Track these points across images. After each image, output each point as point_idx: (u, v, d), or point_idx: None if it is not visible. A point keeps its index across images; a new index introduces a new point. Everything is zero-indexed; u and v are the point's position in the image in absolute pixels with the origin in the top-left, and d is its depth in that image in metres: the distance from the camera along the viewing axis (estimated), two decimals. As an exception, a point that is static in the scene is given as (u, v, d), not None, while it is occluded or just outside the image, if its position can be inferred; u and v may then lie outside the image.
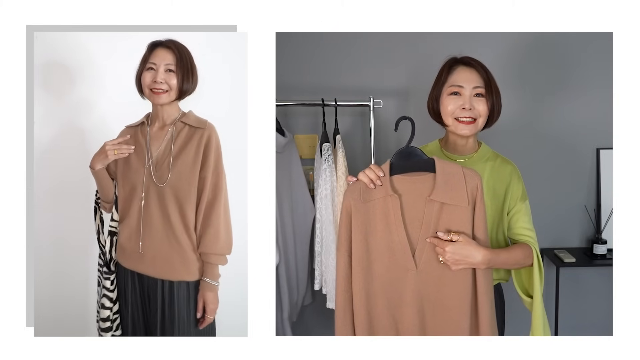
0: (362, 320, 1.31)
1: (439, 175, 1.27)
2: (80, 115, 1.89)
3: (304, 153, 2.25)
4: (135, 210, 1.44)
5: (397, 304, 1.29)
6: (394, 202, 1.27)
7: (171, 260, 1.42)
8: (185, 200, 1.42)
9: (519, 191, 1.45)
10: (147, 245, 1.42)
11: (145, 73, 1.44)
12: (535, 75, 2.26)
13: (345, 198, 1.32)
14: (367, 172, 1.31)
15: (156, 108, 1.48)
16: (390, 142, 2.29)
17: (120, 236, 1.47)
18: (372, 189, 1.29)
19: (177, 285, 1.42)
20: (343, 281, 1.33)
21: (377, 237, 1.29)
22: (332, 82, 2.26)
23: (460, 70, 1.41)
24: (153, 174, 1.43)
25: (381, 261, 1.29)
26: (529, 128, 2.28)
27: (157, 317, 1.42)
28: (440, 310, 1.28)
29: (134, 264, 1.45)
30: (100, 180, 1.48)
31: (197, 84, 1.48)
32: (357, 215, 1.30)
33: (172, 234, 1.41)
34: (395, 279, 1.28)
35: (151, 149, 1.45)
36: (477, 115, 1.39)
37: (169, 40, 1.45)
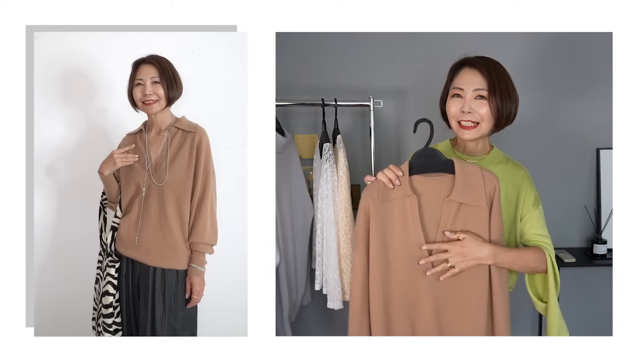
0: (378, 319, 1.31)
1: (458, 176, 1.27)
2: (80, 116, 1.89)
3: (303, 153, 2.25)
4: (136, 206, 1.60)
5: (414, 304, 1.29)
6: (412, 202, 1.27)
7: (164, 251, 1.56)
8: (182, 197, 1.57)
9: (531, 197, 1.41)
10: (143, 237, 1.57)
11: (135, 89, 1.57)
12: (535, 75, 2.26)
13: (364, 197, 1.32)
14: (386, 171, 1.30)
15: (151, 117, 1.62)
16: (391, 142, 2.29)
17: (120, 228, 1.61)
18: (390, 188, 1.29)
19: (168, 272, 1.56)
20: (360, 281, 1.33)
21: (394, 237, 1.29)
22: (332, 82, 2.26)
23: (463, 72, 1.37)
24: (152, 175, 1.58)
25: (398, 261, 1.29)
26: (529, 128, 2.28)
27: (148, 299, 1.55)
28: (456, 310, 1.28)
29: (129, 252, 1.59)
30: (108, 183, 1.64)
31: (182, 89, 1.62)
32: (375, 215, 1.30)
33: (167, 228, 1.57)
34: (412, 280, 1.28)
35: (150, 153, 1.61)
36: (479, 119, 1.34)
37: (150, 56, 1.58)
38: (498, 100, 1.32)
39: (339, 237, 1.89)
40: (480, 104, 1.34)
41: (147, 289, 1.56)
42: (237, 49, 1.76)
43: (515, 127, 2.23)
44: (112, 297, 1.57)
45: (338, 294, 1.89)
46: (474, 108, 1.34)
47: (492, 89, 1.32)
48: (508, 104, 1.35)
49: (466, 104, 1.34)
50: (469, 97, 1.34)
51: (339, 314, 2.01)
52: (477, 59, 1.38)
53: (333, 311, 1.95)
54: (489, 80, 1.33)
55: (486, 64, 1.35)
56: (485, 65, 1.35)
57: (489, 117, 1.34)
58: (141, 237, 1.57)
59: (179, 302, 1.57)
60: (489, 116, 1.34)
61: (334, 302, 1.91)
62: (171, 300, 1.55)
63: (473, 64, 1.36)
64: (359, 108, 2.22)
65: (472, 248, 1.24)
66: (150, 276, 1.56)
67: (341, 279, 1.90)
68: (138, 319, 1.58)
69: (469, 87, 1.34)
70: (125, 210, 1.62)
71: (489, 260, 1.25)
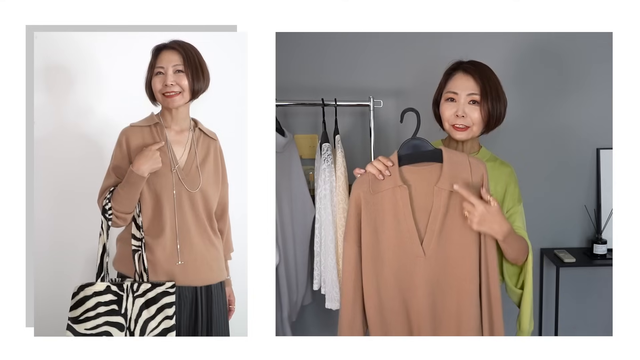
0: (373, 304, 1.33)
1: (445, 164, 1.29)
2: (80, 116, 1.89)
3: (304, 153, 2.25)
4: (167, 220, 1.37)
5: (408, 287, 1.31)
6: (403, 192, 1.29)
7: (211, 265, 1.44)
8: (213, 204, 1.47)
9: (516, 193, 1.48)
10: (187, 253, 1.38)
11: (154, 79, 1.41)
12: (536, 75, 2.26)
13: (354, 190, 1.34)
14: (375, 163, 1.32)
15: (170, 112, 1.45)
16: (391, 142, 2.29)
17: (156, 252, 1.36)
18: (380, 180, 1.31)
19: (215, 288, 1.46)
20: (352, 272, 1.34)
21: (386, 227, 1.31)
22: (332, 82, 2.26)
23: (457, 77, 1.42)
24: (182, 180, 1.39)
25: (391, 250, 1.31)
26: (529, 128, 2.28)
27: (199, 323, 1.42)
28: (449, 293, 1.30)
29: (169, 276, 1.37)
30: (137, 187, 1.35)
31: (209, 81, 1.45)
32: (366, 207, 1.32)
33: (207, 239, 1.44)
34: (405, 266, 1.30)
35: (174, 154, 1.42)
36: (470, 122, 1.40)
37: (173, 41, 1.43)
38: (489, 105, 1.39)
39: (336, 238, 1.89)
40: (472, 109, 1.40)
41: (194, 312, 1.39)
42: (237, 49, 1.76)
43: (516, 126, 2.25)
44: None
45: (336, 294, 1.90)
46: (467, 112, 1.40)
47: (484, 94, 1.38)
48: (498, 107, 1.41)
49: (460, 108, 1.40)
50: (462, 101, 1.40)
51: (338, 314, 2.01)
52: (470, 65, 1.43)
53: (333, 311, 1.95)
54: (482, 86, 1.39)
55: (479, 70, 1.41)
56: (477, 71, 1.41)
57: (480, 120, 1.41)
58: (184, 254, 1.35)
59: (223, 317, 1.46)
60: (480, 120, 1.41)
61: (332, 302, 1.91)
62: (222, 317, 1.45)
63: (466, 69, 1.41)
64: (359, 108, 2.22)
65: (495, 217, 1.23)
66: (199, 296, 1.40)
67: (339, 279, 1.90)
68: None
69: (463, 91, 1.40)
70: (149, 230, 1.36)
71: (501, 235, 1.26)
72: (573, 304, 2.38)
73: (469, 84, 1.40)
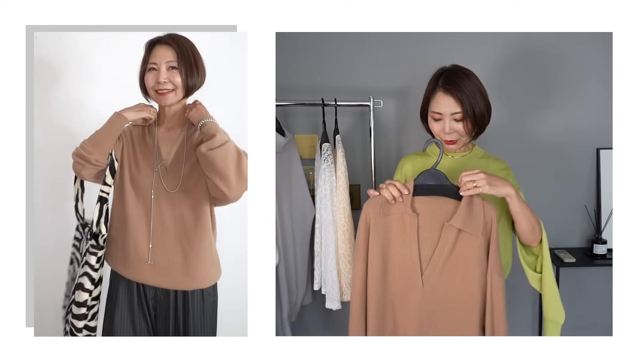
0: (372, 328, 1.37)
1: (463, 203, 1.31)
2: (80, 116, 1.89)
3: (304, 153, 2.25)
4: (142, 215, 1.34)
5: (402, 313, 1.35)
6: (412, 221, 1.32)
7: (187, 269, 1.35)
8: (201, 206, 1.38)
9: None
10: (158, 254, 1.32)
11: (147, 74, 1.37)
12: (536, 75, 2.26)
13: (366, 209, 1.37)
14: (391, 189, 1.34)
15: (164, 109, 1.42)
16: (390, 142, 2.29)
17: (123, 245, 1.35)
18: (392, 204, 1.34)
19: (193, 295, 1.36)
20: (359, 290, 1.37)
21: (392, 250, 1.34)
22: (332, 82, 2.26)
23: (438, 97, 1.44)
24: (162, 178, 1.36)
25: (394, 273, 1.34)
26: (529, 128, 2.28)
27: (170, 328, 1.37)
28: (442, 324, 1.33)
29: (139, 275, 1.35)
30: (114, 128, 1.32)
31: (205, 77, 1.41)
32: (375, 228, 1.35)
33: (188, 242, 1.34)
34: (403, 293, 1.34)
35: (160, 152, 1.39)
36: (458, 136, 1.46)
37: (167, 35, 1.39)
38: (474, 119, 1.43)
39: (337, 238, 1.89)
40: (458, 125, 1.44)
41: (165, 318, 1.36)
42: (237, 49, 1.76)
43: (516, 127, 2.25)
44: (87, 293, 1.33)
45: (336, 294, 1.90)
46: (454, 128, 1.44)
47: (466, 112, 1.41)
48: (482, 117, 1.45)
49: (446, 125, 1.44)
50: (447, 120, 1.44)
51: (338, 314, 2.01)
52: (449, 85, 1.42)
53: (333, 311, 1.95)
54: (462, 105, 1.41)
55: (457, 88, 1.41)
56: (457, 89, 1.41)
57: (467, 132, 1.46)
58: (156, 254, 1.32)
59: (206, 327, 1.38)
60: (467, 133, 1.46)
61: (332, 303, 1.91)
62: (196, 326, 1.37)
63: (446, 90, 1.42)
64: (359, 108, 2.22)
65: (499, 180, 1.31)
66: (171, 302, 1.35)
67: (339, 280, 1.90)
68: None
69: (447, 110, 1.43)
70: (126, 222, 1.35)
71: (513, 191, 1.30)
72: (573, 304, 2.38)
73: (450, 103, 1.42)
